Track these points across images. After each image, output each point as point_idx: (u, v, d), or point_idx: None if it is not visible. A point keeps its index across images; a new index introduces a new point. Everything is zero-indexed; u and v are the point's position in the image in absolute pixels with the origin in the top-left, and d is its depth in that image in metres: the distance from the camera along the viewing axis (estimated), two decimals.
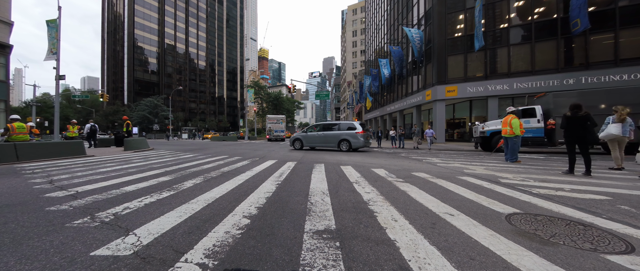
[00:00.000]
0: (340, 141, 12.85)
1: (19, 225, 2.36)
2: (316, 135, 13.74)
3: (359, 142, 12.47)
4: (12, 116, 9.29)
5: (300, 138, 14.12)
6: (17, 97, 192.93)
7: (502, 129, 7.93)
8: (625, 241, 2.07)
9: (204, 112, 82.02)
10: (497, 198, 3.46)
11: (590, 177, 5.13)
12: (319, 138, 13.61)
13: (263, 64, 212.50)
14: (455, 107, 24.59)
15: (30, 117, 17.85)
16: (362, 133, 12.55)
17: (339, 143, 12.94)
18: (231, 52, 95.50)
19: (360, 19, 79.56)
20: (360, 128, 12.60)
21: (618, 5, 16.67)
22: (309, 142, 13.98)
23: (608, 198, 3.43)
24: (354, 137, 12.50)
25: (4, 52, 17.14)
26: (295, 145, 14.26)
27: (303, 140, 14.04)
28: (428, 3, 24.55)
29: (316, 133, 13.88)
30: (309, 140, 13.91)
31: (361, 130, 12.59)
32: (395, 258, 1.75)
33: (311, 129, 14.40)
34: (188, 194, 3.59)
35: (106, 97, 23.46)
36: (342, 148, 12.80)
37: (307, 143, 14.04)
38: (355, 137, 12.46)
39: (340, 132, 13.02)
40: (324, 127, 13.94)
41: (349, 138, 12.60)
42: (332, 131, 13.38)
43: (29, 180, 4.70)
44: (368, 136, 13.09)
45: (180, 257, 1.74)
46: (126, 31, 64.90)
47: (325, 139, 13.39)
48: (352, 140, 12.53)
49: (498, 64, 20.59)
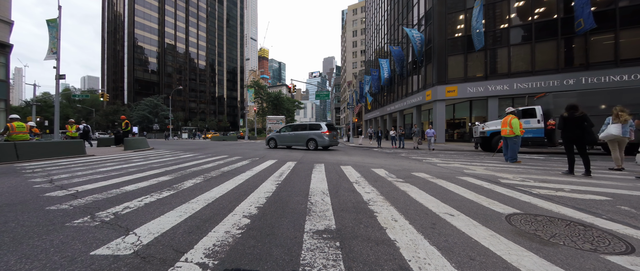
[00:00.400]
0: (308, 140, 13.78)
1: (19, 224, 2.36)
2: (288, 135, 14.76)
3: (324, 141, 13.36)
4: (12, 115, 9.29)
5: (274, 138, 15.30)
6: (17, 96, 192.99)
7: (501, 129, 7.93)
8: (626, 241, 2.07)
9: (204, 111, 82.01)
10: (497, 198, 3.46)
11: (590, 177, 5.13)
12: (290, 137, 14.64)
13: (263, 63, 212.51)
14: (456, 107, 24.60)
15: (30, 116, 17.85)
16: (328, 133, 13.40)
17: (307, 142, 13.86)
18: (231, 52, 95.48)
19: (360, 19, 79.55)
20: (326, 129, 13.52)
21: (618, 6, 16.67)
22: (282, 141, 14.96)
23: (608, 199, 3.43)
24: (320, 136, 13.47)
25: (4, 51, 17.14)
26: (270, 144, 15.37)
27: (277, 140, 15.14)
28: (428, 3, 24.55)
29: (288, 133, 14.87)
30: (282, 139, 14.93)
31: (327, 130, 13.50)
32: (396, 258, 1.75)
33: (284, 129, 15.34)
34: (188, 194, 3.59)
35: (106, 96, 23.44)
36: (309, 146, 13.71)
37: (280, 142, 15.03)
38: (321, 137, 13.42)
39: (308, 132, 13.93)
40: (295, 128, 15.00)
41: (316, 137, 13.57)
42: (301, 131, 14.32)
43: (29, 179, 4.70)
44: (334, 135, 14.10)
45: (181, 257, 1.74)
46: (126, 31, 64.88)
47: (296, 138, 14.38)
48: (318, 139, 13.48)
49: (498, 64, 20.59)
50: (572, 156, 5.54)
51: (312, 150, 13.46)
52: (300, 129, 14.53)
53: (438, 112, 22.64)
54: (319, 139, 13.46)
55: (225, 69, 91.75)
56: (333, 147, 15.80)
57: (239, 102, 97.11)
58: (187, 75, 76.25)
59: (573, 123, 5.35)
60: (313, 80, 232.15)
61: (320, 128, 13.65)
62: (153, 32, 67.92)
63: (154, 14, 68.26)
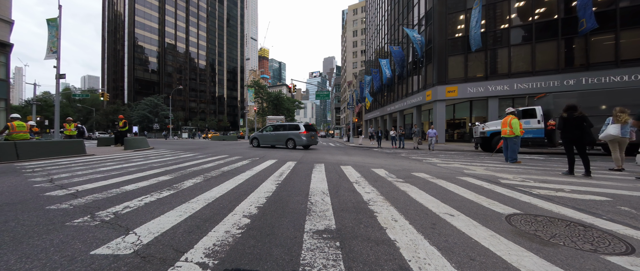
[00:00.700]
0: (288, 140, 14.57)
1: (19, 223, 2.36)
2: (269, 135, 15.58)
3: (302, 141, 14.19)
4: (13, 115, 9.29)
5: (257, 137, 16.25)
6: (18, 95, 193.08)
7: (501, 130, 7.93)
8: (626, 242, 2.07)
9: (204, 111, 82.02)
10: (497, 198, 3.46)
11: (590, 177, 5.13)
12: (271, 137, 15.44)
13: (263, 63, 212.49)
14: (456, 107, 24.60)
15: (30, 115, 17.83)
16: (305, 133, 14.21)
17: (286, 142, 14.63)
18: (231, 52, 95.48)
19: (360, 19, 79.55)
20: (304, 129, 14.33)
21: (619, 6, 16.66)
22: (264, 141, 15.78)
23: (608, 199, 3.43)
24: (298, 136, 14.28)
25: (5, 50, 17.14)
26: (253, 143, 16.35)
27: (259, 139, 16.05)
28: (429, 3, 24.54)
29: (270, 133, 15.70)
30: (264, 139, 15.78)
31: (304, 130, 14.30)
32: (396, 258, 1.75)
33: (266, 129, 16.29)
34: (188, 193, 3.59)
35: (106, 96, 23.47)
36: (288, 146, 14.50)
37: (262, 141, 15.87)
38: (299, 136, 14.24)
39: (287, 132, 14.71)
40: (276, 128, 15.76)
41: (294, 137, 14.39)
42: (281, 131, 15.10)
43: (29, 178, 4.70)
44: (312, 135, 14.84)
45: (181, 256, 1.74)
46: (126, 30, 64.88)
47: (277, 138, 15.16)
48: (296, 139, 14.28)
49: (498, 65, 20.59)
50: (572, 156, 5.54)
51: (291, 148, 14.23)
52: (281, 129, 15.23)
53: (438, 112, 22.64)
54: (297, 139, 14.24)
55: (225, 69, 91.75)
56: (313, 146, 16.74)
57: (239, 101, 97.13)
58: (188, 75, 76.25)
59: (572, 124, 5.35)
60: (313, 80, 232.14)
61: (298, 129, 14.43)
62: (153, 32, 67.92)
63: (154, 13, 68.26)
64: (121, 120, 14.81)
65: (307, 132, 14.32)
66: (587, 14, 15.22)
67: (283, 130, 15.11)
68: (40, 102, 47.37)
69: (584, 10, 15.33)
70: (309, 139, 14.32)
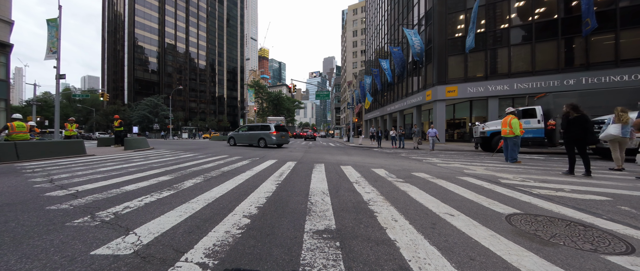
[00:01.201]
0: (259, 139, 15.94)
1: (19, 224, 2.36)
2: (244, 134, 17.08)
3: (271, 140, 15.37)
4: (14, 115, 9.30)
5: (233, 137, 17.83)
6: (18, 96, 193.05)
7: (501, 129, 7.93)
8: (626, 242, 2.07)
9: (204, 111, 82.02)
10: (498, 198, 3.46)
11: (590, 177, 5.12)
12: (245, 136, 16.91)
13: (263, 63, 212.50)
14: (456, 107, 24.60)
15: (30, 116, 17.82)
16: (275, 133, 15.46)
17: (258, 141, 16.03)
18: (231, 52, 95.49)
19: (360, 19, 79.55)
20: (274, 129, 15.61)
21: (619, 6, 16.66)
22: (239, 140, 17.37)
23: (608, 199, 3.43)
24: (268, 136, 15.51)
25: (5, 51, 17.14)
26: (230, 142, 18.05)
27: (235, 138, 17.65)
28: (428, 3, 24.54)
29: (244, 133, 17.23)
30: (239, 138, 17.36)
31: (274, 130, 15.56)
32: (396, 258, 1.75)
33: (241, 129, 17.88)
34: (188, 193, 3.59)
35: (106, 96, 23.46)
36: (260, 145, 15.86)
37: (238, 141, 17.47)
38: (269, 136, 15.45)
39: (259, 132, 16.11)
40: (249, 128, 17.24)
41: (264, 137, 15.65)
42: (254, 131, 16.51)
43: (30, 179, 4.70)
44: (283, 135, 16.09)
45: (181, 256, 1.74)
46: (126, 30, 64.88)
47: (250, 138, 16.55)
48: (266, 138, 15.53)
49: (498, 65, 20.59)
50: (573, 156, 5.53)
51: (262, 147, 15.50)
52: (254, 130, 16.64)
53: (438, 112, 22.64)
54: (267, 138, 15.49)
55: (225, 69, 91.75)
56: (285, 145, 18.17)
57: (239, 101, 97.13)
58: (187, 75, 76.25)
59: (575, 124, 5.35)
60: (313, 80, 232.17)
61: (269, 129, 15.74)
62: (153, 32, 67.92)
63: (154, 13, 68.26)
64: (116, 120, 14.81)
65: (277, 132, 15.55)
66: (591, 13, 15.16)
67: (255, 130, 16.49)
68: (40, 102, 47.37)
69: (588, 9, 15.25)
70: (278, 138, 15.53)
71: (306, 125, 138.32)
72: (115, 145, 14.92)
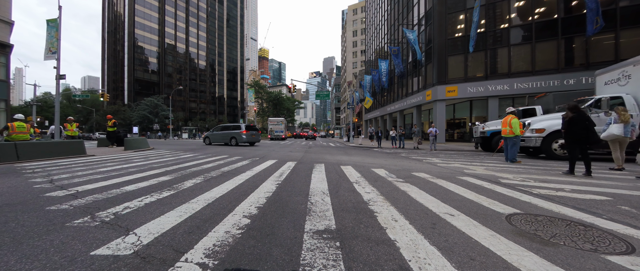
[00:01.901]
0: (231, 138, 17.66)
1: (19, 224, 2.36)
2: (217, 134, 18.88)
3: (242, 139, 17.17)
4: (16, 115, 9.31)
5: (209, 136, 19.40)
6: (18, 96, 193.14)
7: (501, 129, 7.93)
8: (626, 241, 2.07)
9: (205, 111, 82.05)
10: (498, 198, 3.45)
11: (590, 177, 5.12)
12: (219, 136, 18.67)
13: (263, 63, 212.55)
14: (456, 107, 24.60)
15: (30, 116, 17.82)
16: (245, 132, 17.13)
17: (230, 139, 17.78)
18: (231, 52, 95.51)
19: (360, 19, 79.56)
20: (244, 129, 17.34)
21: (619, 6, 16.66)
22: (214, 139, 18.97)
23: (608, 199, 3.42)
24: (238, 135, 17.29)
25: (5, 51, 17.15)
26: (206, 141, 19.61)
27: (211, 138, 19.21)
28: (428, 3, 24.55)
29: (218, 132, 18.94)
30: (214, 137, 19.00)
31: (245, 130, 17.26)
32: (396, 258, 1.75)
33: (215, 129, 19.52)
34: (188, 194, 3.59)
35: (106, 96, 23.47)
36: (231, 143, 17.66)
37: (213, 140, 19.06)
38: (239, 135, 17.23)
39: (230, 132, 17.86)
40: (223, 128, 18.98)
41: (236, 136, 17.46)
42: (226, 131, 18.31)
43: (30, 179, 4.70)
44: (253, 134, 17.67)
45: (181, 257, 1.74)
46: (126, 31, 64.91)
47: (223, 136, 18.33)
48: (237, 137, 17.35)
49: (498, 64, 20.59)
50: (574, 156, 5.52)
51: (234, 145, 17.19)
52: (227, 129, 18.39)
53: (438, 112, 22.64)
54: (237, 137, 17.31)
55: (225, 69, 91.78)
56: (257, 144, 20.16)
57: (239, 102, 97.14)
58: (187, 75, 76.27)
59: (577, 124, 5.34)
60: (313, 80, 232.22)
61: (239, 129, 17.49)
62: (153, 32, 67.94)
63: (154, 13, 68.28)
64: (110, 121, 14.65)
65: (247, 131, 17.23)
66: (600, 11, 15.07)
67: (228, 130, 18.27)
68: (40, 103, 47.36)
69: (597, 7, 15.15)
70: (249, 137, 17.34)
71: (306, 125, 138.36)
72: (110, 145, 14.74)
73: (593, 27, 15.18)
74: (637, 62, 7.97)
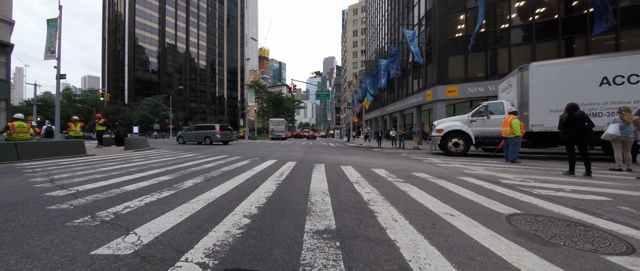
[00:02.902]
0: (205, 137, 18.62)
1: (20, 223, 2.37)
2: (191, 133, 19.65)
3: (216, 138, 18.19)
4: (16, 115, 9.32)
5: (182, 136, 20.11)
6: (18, 95, 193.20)
7: (502, 129, 7.93)
8: (626, 242, 2.07)
9: (205, 111, 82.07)
10: (498, 198, 3.45)
11: (590, 177, 5.12)
12: (193, 135, 19.49)
13: (263, 63, 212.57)
14: (456, 107, 24.56)
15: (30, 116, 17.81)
16: (219, 132, 18.17)
17: (204, 138, 18.68)
18: (232, 52, 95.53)
19: (360, 19, 79.53)
20: (218, 128, 18.38)
21: (619, 6, 16.64)
22: (188, 139, 19.62)
23: (609, 199, 3.42)
24: (213, 134, 18.36)
25: (5, 51, 17.16)
26: (179, 140, 20.25)
27: (184, 137, 19.88)
28: (429, 3, 24.52)
29: (191, 132, 19.73)
30: (187, 137, 19.73)
31: (219, 129, 18.29)
32: (396, 258, 1.75)
33: (188, 129, 20.28)
34: (188, 193, 3.59)
35: (107, 96, 23.49)
36: (206, 142, 18.57)
37: (186, 139, 19.70)
38: (214, 135, 18.31)
39: (205, 131, 18.90)
40: (196, 128, 19.90)
41: (210, 135, 18.51)
42: (201, 130, 19.25)
43: (30, 178, 4.70)
44: (227, 134, 18.79)
45: (181, 256, 1.74)
46: (127, 30, 64.93)
47: (197, 136, 19.22)
48: (211, 136, 18.40)
49: (499, 64, 20.56)
50: (573, 156, 5.52)
51: (208, 144, 18.24)
52: (201, 129, 19.33)
53: (438, 112, 22.61)
54: (212, 136, 18.34)
55: (225, 69, 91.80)
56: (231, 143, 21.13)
57: (240, 101, 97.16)
58: (188, 75, 76.30)
59: (574, 125, 5.32)
60: (313, 80, 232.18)
61: (214, 128, 18.55)
62: (153, 32, 67.96)
63: (155, 13, 68.31)
64: (100, 119, 14.09)
65: (221, 131, 18.27)
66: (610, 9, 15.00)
67: (202, 129, 19.22)
68: (41, 102, 47.38)
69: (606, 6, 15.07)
70: (223, 136, 18.43)
71: (306, 125, 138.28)
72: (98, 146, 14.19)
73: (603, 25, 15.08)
74: (515, 73, 9.69)
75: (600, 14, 15.12)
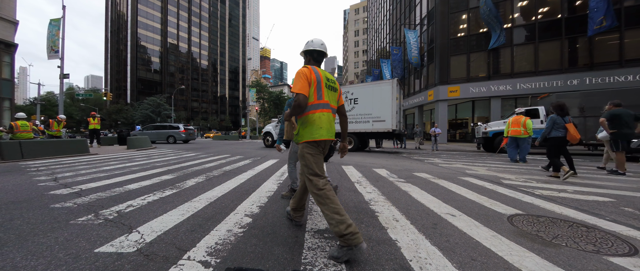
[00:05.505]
0: (168, 136, 19.66)
1: (25, 221, 2.39)
2: (153, 133, 20.19)
3: (180, 137, 19.37)
4: (18, 114, 9.40)
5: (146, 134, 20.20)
6: (22, 95, 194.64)
7: (513, 129, 7.93)
8: (629, 243, 2.06)
9: (206, 111, 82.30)
10: (499, 199, 3.44)
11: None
12: (154, 134, 20.03)
13: (265, 63, 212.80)
14: (458, 107, 24.48)
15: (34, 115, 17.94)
16: (184, 132, 19.39)
17: (167, 138, 19.65)
18: (233, 52, 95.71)
19: (362, 19, 79.39)
20: (183, 128, 19.56)
21: (623, 6, 16.50)
22: (150, 137, 19.36)
23: (611, 200, 3.40)
24: (177, 133, 19.48)
25: (9, 50, 17.31)
26: None
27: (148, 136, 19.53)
28: (431, 3, 24.45)
29: (152, 131, 20.28)
30: (151, 136, 19.81)
31: (183, 129, 19.45)
32: (397, 258, 1.76)
33: (146, 128, 20.94)
34: (190, 192, 3.61)
35: (109, 95, 23.56)
36: (169, 141, 19.53)
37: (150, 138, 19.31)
38: (178, 134, 19.47)
39: (167, 130, 19.83)
40: (154, 127, 20.67)
41: (174, 134, 19.49)
42: (162, 130, 20.13)
43: (34, 177, 4.75)
44: (191, 133, 20.00)
45: (183, 255, 1.76)
46: (129, 30, 65.24)
47: (158, 135, 19.94)
48: (176, 136, 19.46)
49: (501, 64, 20.47)
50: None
51: (172, 143, 19.16)
52: (163, 128, 20.31)
53: (440, 112, 22.55)
54: (176, 136, 19.42)
55: (227, 69, 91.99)
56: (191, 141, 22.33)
57: (241, 101, 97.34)
58: (190, 75, 76.55)
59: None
60: None
61: (178, 129, 19.66)
62: (156, 32, 68.24)
63: (157, 13, 68.57)
64: (95, 118, 13.61)
65: (185, 131, 19.41)
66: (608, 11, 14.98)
67: (164, 129, 20.19)
68: (44, 102, 47.68)
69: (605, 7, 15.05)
70: (187, 136, 19.61)
71: None
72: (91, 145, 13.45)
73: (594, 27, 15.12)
74: None
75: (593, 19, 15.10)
